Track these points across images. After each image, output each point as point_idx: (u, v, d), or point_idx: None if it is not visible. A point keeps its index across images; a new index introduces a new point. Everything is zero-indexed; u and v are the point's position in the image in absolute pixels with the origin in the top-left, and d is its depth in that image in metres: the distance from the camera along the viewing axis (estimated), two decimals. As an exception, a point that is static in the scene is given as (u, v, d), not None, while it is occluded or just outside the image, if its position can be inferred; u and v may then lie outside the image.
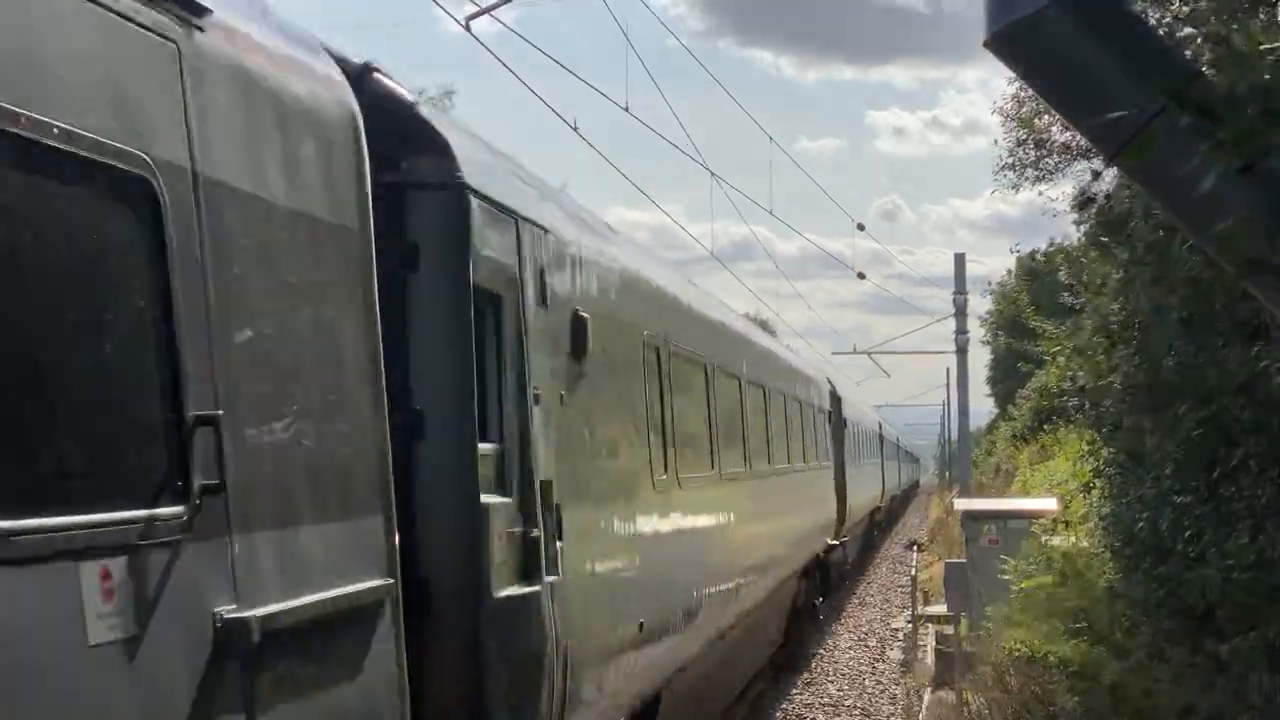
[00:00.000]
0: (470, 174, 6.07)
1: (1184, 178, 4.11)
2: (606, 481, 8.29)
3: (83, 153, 3.41)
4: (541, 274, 6.99)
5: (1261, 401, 8.87)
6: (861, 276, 45.29)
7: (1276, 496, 8.89)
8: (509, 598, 6.17)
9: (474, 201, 6.04)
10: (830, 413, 24.38)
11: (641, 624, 8.73)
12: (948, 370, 64.23)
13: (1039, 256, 50.28)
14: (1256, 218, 4.01)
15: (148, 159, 3.66)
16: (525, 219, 6.82)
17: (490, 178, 6.46)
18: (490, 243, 6.24)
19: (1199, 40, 8.96)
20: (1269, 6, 8.22)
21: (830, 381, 26.16)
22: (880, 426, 45.19)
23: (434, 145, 5.97)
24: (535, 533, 6.50)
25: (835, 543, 23.65)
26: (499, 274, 6.38)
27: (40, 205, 3.31)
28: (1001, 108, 30.07)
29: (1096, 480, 15.04)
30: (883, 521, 46.73)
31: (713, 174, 23.59)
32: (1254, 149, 3.77)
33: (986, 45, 4.93)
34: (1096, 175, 11.98)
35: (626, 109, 16.06)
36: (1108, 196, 11.54)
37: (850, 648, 22.66)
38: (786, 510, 17.33)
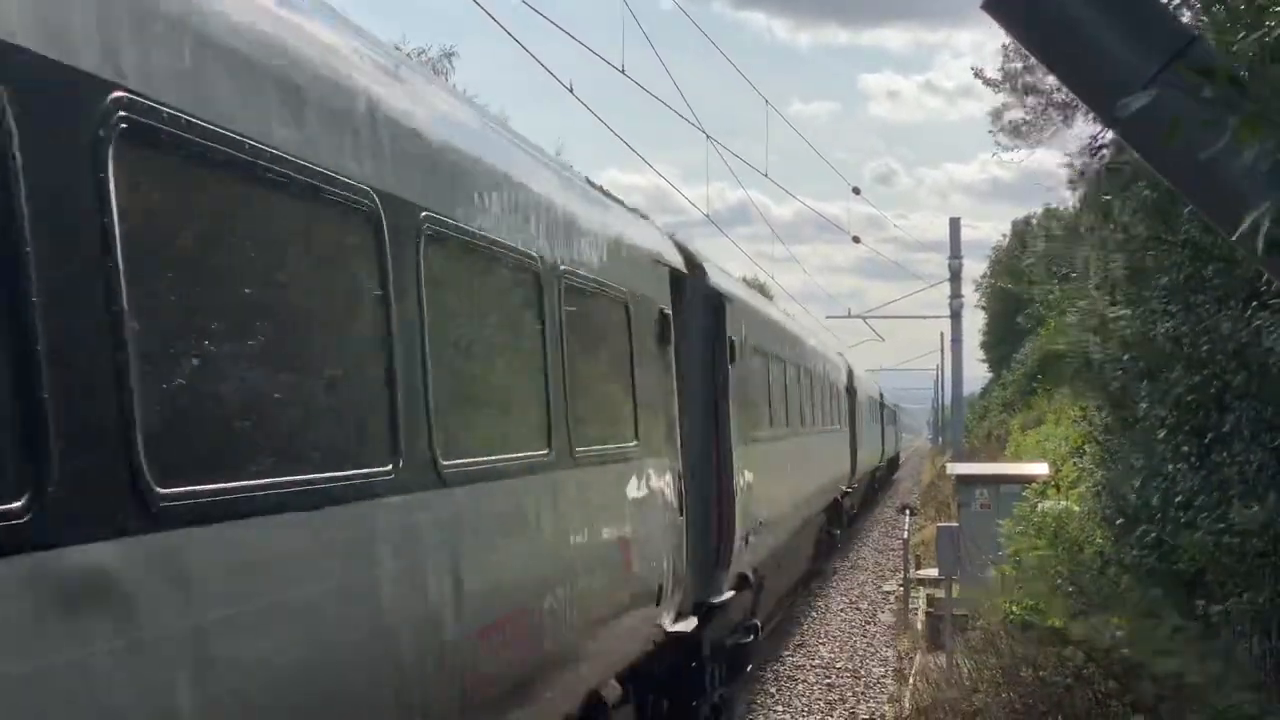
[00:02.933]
0: None
1: (1204, 159, 4.04)
2: None
3: None
4: None
5: (1253, 367, 8.88)
6: (856, 240, 45.45)
7: (1268, 462, 8.91)
8: None
9: None
10: (664, 318, 10.30)
11: None
12: (942, 335, 64.27)
13: (1034, 221, 50.45)
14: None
15: None
16: None
17: None
18: None
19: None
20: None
21: (685, 252, 11.87)
22: (850, 372, 32.04)
23: None
24: None
25: (678, 630, 10.26)
26: None
27: None
28: (1002, 46, 30.15)
29: (1088, 446, 15.11)
30: (854, 508, 34.15)
31: (708, 136, 23.50)
32: None
33: (985, 8, 4.91)
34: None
35: (622, 70, 15.98)
36: (1118, 148, 11.42)
37: (842, 610, 22.78)
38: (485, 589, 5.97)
